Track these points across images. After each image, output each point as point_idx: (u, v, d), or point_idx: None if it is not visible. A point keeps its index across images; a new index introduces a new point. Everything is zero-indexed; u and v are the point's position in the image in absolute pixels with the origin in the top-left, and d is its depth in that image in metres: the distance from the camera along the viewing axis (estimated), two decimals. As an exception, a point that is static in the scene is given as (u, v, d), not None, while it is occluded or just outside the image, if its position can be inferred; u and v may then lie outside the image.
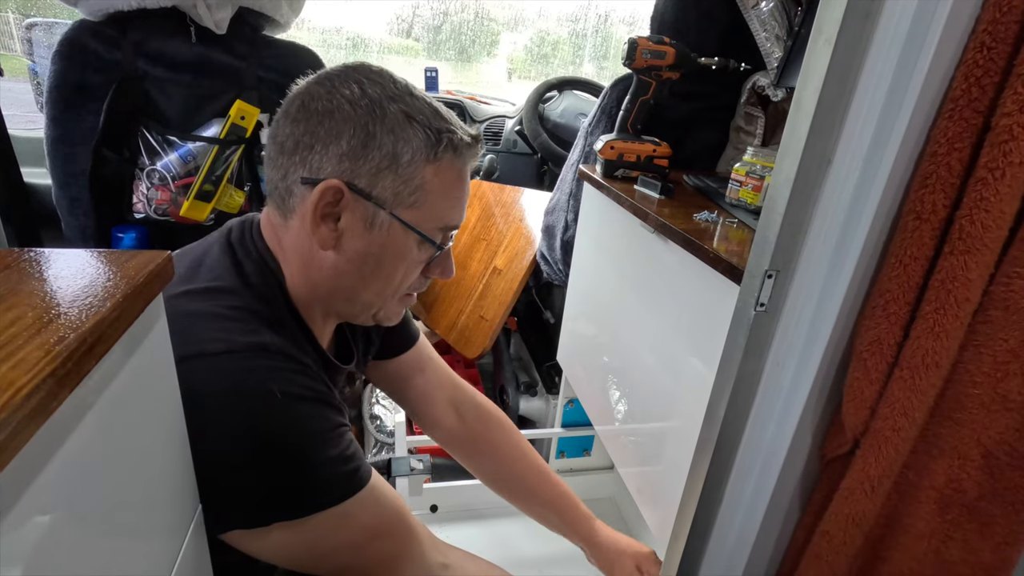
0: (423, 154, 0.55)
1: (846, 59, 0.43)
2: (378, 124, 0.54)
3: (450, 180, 0.57)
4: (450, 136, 0.56)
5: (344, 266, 0.58)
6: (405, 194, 0.55)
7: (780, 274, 0.51)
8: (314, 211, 0.54)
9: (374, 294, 0.60)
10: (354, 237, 0.56)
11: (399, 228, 0.56)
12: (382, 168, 0.54)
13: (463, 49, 2.66)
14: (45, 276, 0.37)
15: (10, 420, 0.25)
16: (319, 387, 0.55)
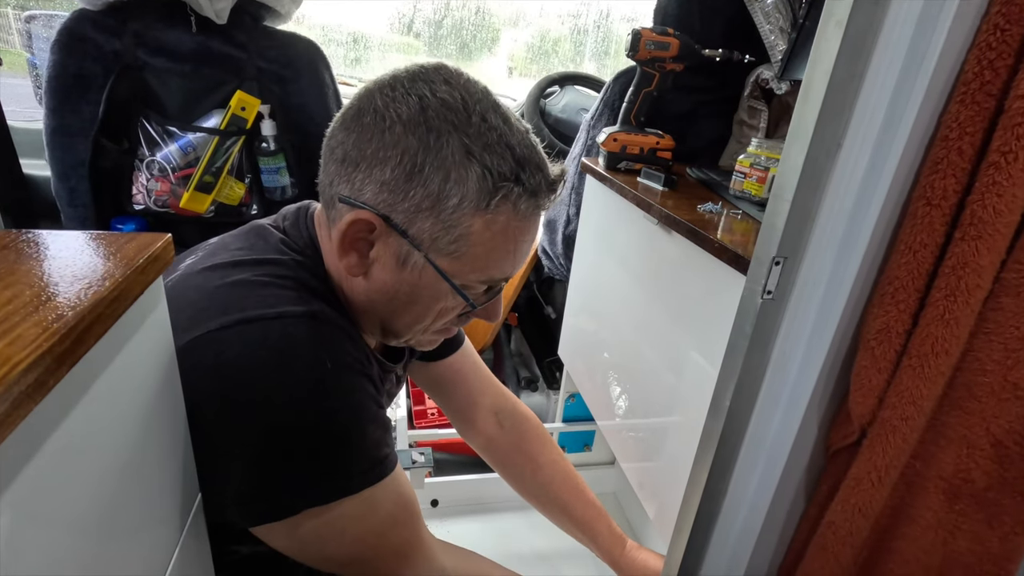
0: (473, 202, 0.48)
1: (857, 41, 0.43)
2: (430, 156, 0.47)
3: (505, 233, 0.50)
4: (513, 186, 0.48)
5: (374, 295, 0.54)
6: (444, 241, 0.49)
7: (788, 261, 0.50)
8: (342, 238, 0.50)
9: (404, 327, 0.57)
10: (384, 270, 0.52)
11: (432, 273, 0.51)
12: (423, 208, 0.48)
13: (464, 45, 2.65)
14: (43, 257, 0.37)
15: (7, 395, 0.24)
16: (365, 361, 0.53)
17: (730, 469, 0.62)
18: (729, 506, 0.63)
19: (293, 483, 0.48)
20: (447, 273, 0.51)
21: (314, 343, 0.48)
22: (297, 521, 0.49)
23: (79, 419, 0.32)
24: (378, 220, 0.49)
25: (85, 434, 0.33)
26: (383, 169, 0.48)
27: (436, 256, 0.50)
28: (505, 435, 0.84)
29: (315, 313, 0.50)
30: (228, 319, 0.47)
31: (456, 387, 0.83)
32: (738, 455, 0.61)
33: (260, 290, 0.49)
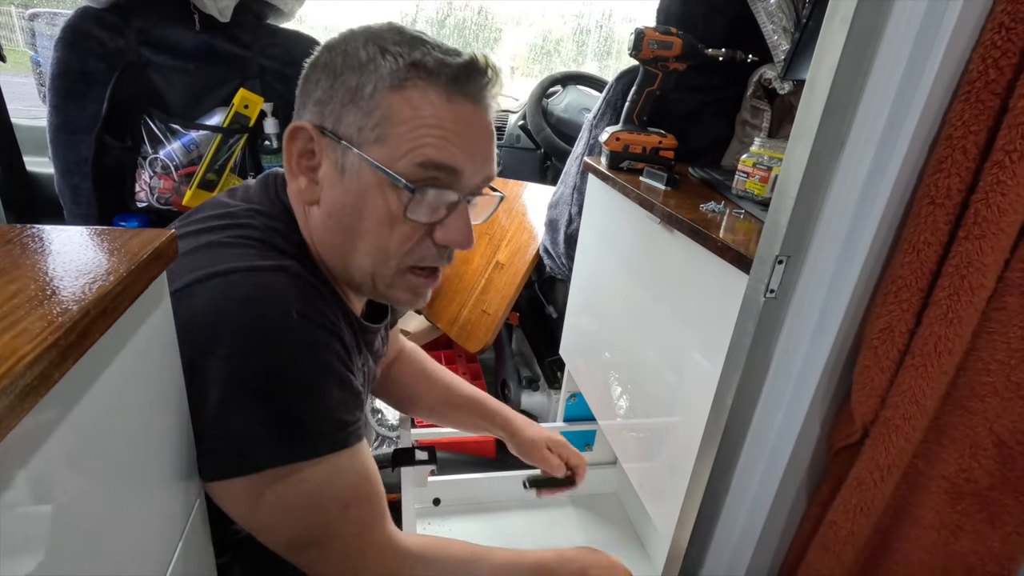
0: (387, 82, 0.49)
1: (861, 39, 0.43)
2: (348, 61, 0.50)
3: (423, 108, 0.49)
4: (421, 58, 0.49)
5: (328, 222, 0.54)
6: (368, 128, 0.50)
7: (791, 260, 0.50)
8: (289, 159, 0.52)
9: (365, 256, 0.54)
10: (332, 187, 0.52)
11: (368, 170, 0.50)
12: (346, 103, 0.50)
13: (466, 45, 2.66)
14: (47, 252, 0.37)
15: (12, 387, 0.24)
16: (336, 320, 0.52)
17: (732, 467, 0.62)
18: (731, 505, 0.63)
19: (258, 437, 0.47)
20: (378, 161, 0.50)
21: (282, 295, 0.48)
22: (260, 480, 0.48)
23: (84, 412, 0.32)
24: (312, 128, 0.51)
25: (90, 427, 0.33)
26: (315, 88, 0.52)
27: (366, 147, 0.50)
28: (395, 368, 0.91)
29: (285, 267, 0.50)
30: (199, 274, 0.47)
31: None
32: (740, 454, 0.61)
33: (230, 249, 0.50)
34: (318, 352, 0.49)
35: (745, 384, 0.56)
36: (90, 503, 0.34)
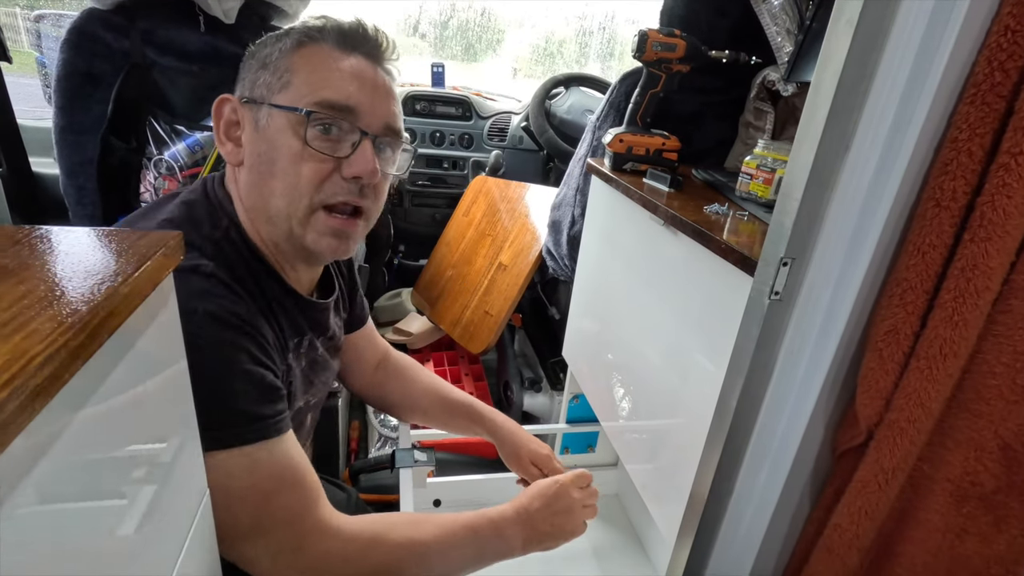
0: (291, 46, 0.59)
1: (867, 42, 0.43)
2: (263, 43, 0.60)
3: (320, 59, 0.58)
4: (317, 26, 0.59)
5: (250, 176, 0.60)
6: (275, 83, 0.58)
7: (795, 262, 0.50)
8: (217, 130, 0.60)
9: (281, 198, 0.59)
10: (250, 143, 0.59)
11: (276, 115, 0.58)
12: (258, 70, 0.60)
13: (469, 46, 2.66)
14: (56, 253, 0.37)
15: (23, 388, 0.24)
16: (252, 319, 0.55)
17: (736, 470, 0.62)
18: (734, 507, 0.63)
19: None
20: (283, 104, 0.57)
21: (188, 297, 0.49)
22: None
23: (92, 412, 0.32)
24: (235, 99, 0.60)
25: (98, 426, 0.33)
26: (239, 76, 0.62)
27: (272, 97, 0.58)
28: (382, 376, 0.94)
29: (198, 267, 0.54)
30: None
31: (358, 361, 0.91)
32: (744, 456, 0.61)
33: None
34: (224, 351, 0.52)
35: (749, 386, 0.56)
36: (98, 501, 0.34)
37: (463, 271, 1.76)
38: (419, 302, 1.88)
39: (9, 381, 0.24)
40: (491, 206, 1.80)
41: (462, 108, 2.05)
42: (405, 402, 0.94)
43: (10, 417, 0.24)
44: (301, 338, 0.66)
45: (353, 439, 1.54)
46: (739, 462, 0.62)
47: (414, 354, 1.83)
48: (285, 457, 0.56)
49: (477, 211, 1.83)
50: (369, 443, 1.54)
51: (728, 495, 0.64)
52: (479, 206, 1.84)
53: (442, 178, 2.05)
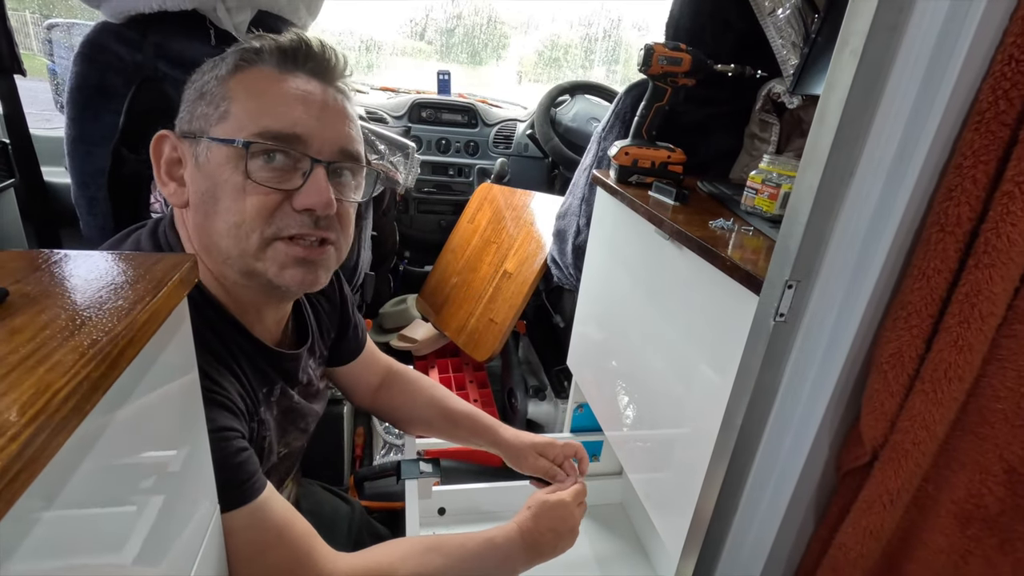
0: (226, 72, 0.54)
1: (872, 71, 0.43)
2: (196, 75, 0.57)
3: (259, 84, 0.53)
4: (254, 47, 0.54)
5: (196, 217, 0.55)
6: (213, 114, 0.54)
7: (800, 284, 0.51)
8: (158, 169, 0.56)
9: (228, 238, 0.54)
10: (192, 182, 0.55)
11: (215, 148, 0.53)
12: (195, 100, 0.55)
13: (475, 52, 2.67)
14: (75, 279, 0.38)
15: (48, 423, 0.25)
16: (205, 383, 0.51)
17: (741, 486, 0.62)
18: (739, 523, 0.64)
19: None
20: (221, 136, 0.53)
21: None
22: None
23: (110, 439, 0.33)
24: (171, 135, 0.56)
25: (116, 451, 0.34)
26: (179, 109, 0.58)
27: (211, 130, 0.54)
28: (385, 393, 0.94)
29: None
30: None
31: (358, 384, 0.91)
32: (749, 474, 0.61)
33: None
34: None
35: (754, 405, 0.57)
36: (115, 521, 0.35)
37: (468, 278, 1.77)
38: (424, 308, 1.89)
39: (35, 417, 0.25)
40: (496, 213, 1.81)
41: (468, 115, 2.06)
42: (409, 416, 0.94)
43: (37, 452, 0.25)
44: (271, 387, 0.63)
45: (358, 445, 1.55)
46: (744, 479, 0.62)
47: (418, 360, 1.84)
48: (263, 520, 0.54)
49: (482, 218, 1.84)
50: (374, 449, 1.55)
51: (733, 511, 0.64)
52: (484, 213, 1.85)
53: (447, 185, 2.06)
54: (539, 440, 0.89)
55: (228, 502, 0.51)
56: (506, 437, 0.89)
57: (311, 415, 0.73)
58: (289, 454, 0.70)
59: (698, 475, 0.68)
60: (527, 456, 0.88)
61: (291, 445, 0.70)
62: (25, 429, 0.24)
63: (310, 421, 0.73)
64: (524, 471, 0.89)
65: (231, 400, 0.54)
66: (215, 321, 0.57)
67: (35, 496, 0.26)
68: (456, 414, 0.92)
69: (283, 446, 0.67)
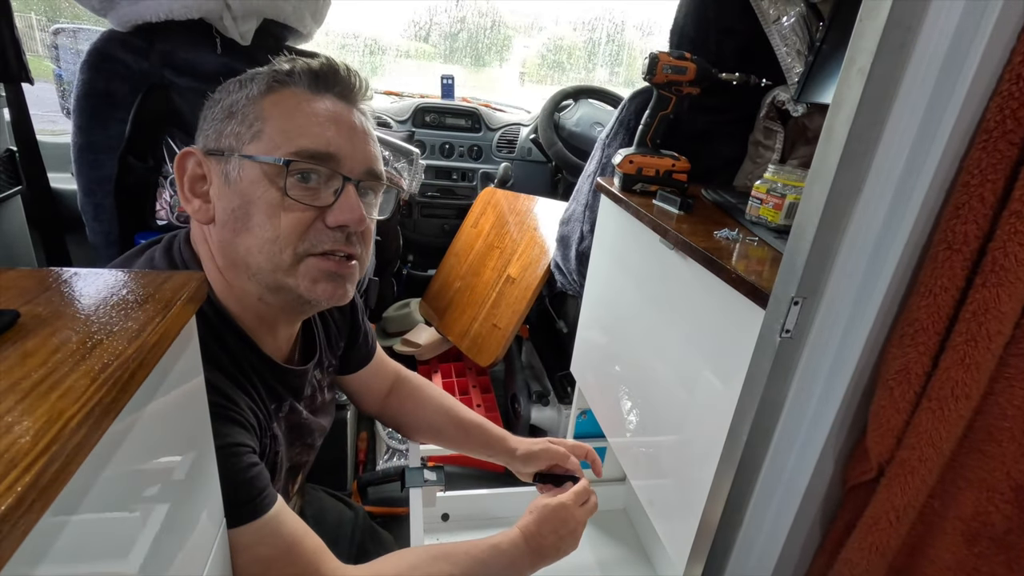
0: (258, 92, 0.55)
1: (879, 89, 0.43)
2: (221, 92, 0.57)
3: (292, 105, 0.55)
4: (284, 67, 0.56)
5: (223, 233, 0.56)
6: (245, 133, 0.54)
7: (807, 301, 0.51)
8: (181, 186, 0.56)
9: (260, 254, 0.55)
10: (221, 199, 0.55)
11: (248, 166, 0.54)
12: (223, 119, 0.56)
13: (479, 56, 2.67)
14: (85, 299, 0.38)
15: (61, 452, 0.25)
16: (217, 399, 0.52)
17: (747, 500, 0.62)
18: (745, 537, 0.64)
19: None
20: (256, 154, 0.54)
21: None
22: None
23: (122, 459, 0.33)
24: (198, 152, 0.57)
25: (126, 472, 0.34)
26: (200, 125, 0.58)
27: (244, 148, 0.55)
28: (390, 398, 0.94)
29: None
30: None
31: (367, 391, 0.92)
32: (755, 486, 0.61)
33: None
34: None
35: (760, 419, 0.57)
36: (121, 539, 0.35)
37: (471, 282, 1.77)
38: (427, 312, 1.89)
39: (49, 445, 0.25)
40: (500, 218, 1.81)
41: (471, 120, 2.07)
42: (417, 424, 0.94)
43: (50, 480, 0.25)
44: (280, 403, 0.64)
45: (361, 450, 1.55)
46: (750, 492, 0.62)
47: (421, 365, 1.84)
48: (272, 535, 0.54)
49: (486, 223, 1.84)
50: (377, 454, 1.55)
51: (738, 523, 0.64)
52: (488, 218, 1.85)
53: (451, 189, 2.06)
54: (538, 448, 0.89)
55: (237, 517, 0.51)
56: (515, 447, 0.90)
57: (318, 430, 0.73)
58: (294, 468, 0.70)
59: (702, 485, 0.68)
60: (538, 458, 0.88)
61: (297, 460, 0.70)
62: (39, 458, 0.24)
63: (316, 436, 0.74)
64: (537, 469, 0.89)
65: (244, 416, 0.55)
66: (228, 337, 0.57)
67: (47, 523, 0.26)
68: (467, 423, 0.92)
69: (288, 460, 0.67)
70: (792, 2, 1.02)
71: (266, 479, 0.55)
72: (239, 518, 0.52)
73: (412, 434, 0.96)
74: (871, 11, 0.43)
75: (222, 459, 0.50)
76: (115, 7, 0.97)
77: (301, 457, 0.71)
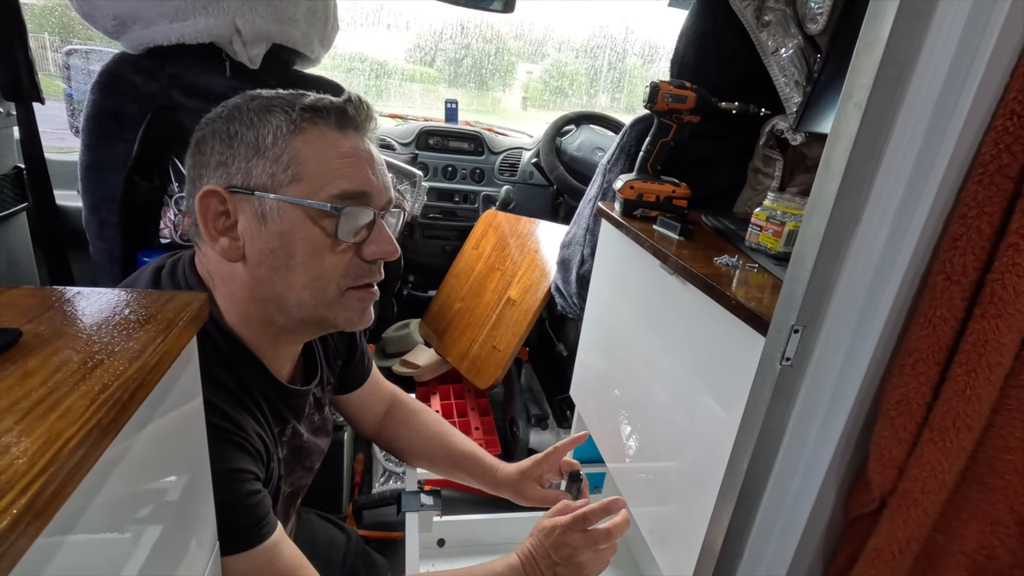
0: (284, 130, 0.54)
1: (876, 123, 0.44)
2: (236, 123, 0.55)
3: (325, 145, 0.55)
4: (308, 104, 0.55)
5: (258, 272, 0.56)
6: (281, 173, 0.54)
7: (807, 329, 0.51)
8: (205, 225, 0.55)
9: (303, 291, 0.56)
10: (255, 238, 0.55)
11: (290, 209, 0.54)
12: (250, 158, 0.54)
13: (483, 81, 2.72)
14: (87, 318, 0.38)
15: (58, 473, 0.25)
16: (224, 424, 0.52)
17: (747, 530, 0.61)
18: (746, 569, 0.63)
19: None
20: (300, 196, 0.54)
21: None
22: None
23: (118, 480, 0.33)
24: (222, 189, 0.54)
25: (121, 493, 0.34)
26: (211, 155, 0.55)
27: (282, 190, 0.54)
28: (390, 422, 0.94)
29: None
30: None
31: (364, 413, 0.92)
32: (756, 516, 0.61)
33: None
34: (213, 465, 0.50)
35: (761, 448, 0.56)
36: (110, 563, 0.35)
37: (472, 304, 1.77)
38: (427, 333, 1.89)
39: (46, 467, 0.25)
40: (501, 240, 1.82)
41: (474, 143, 2.09)
42: (411, 448, 0.93)
43: (47, 502, 0.25)
44: (284, 426, 0.64)
45: (357, 472, 1.53)
46: (751, 522, 0.61)
47: (420, 386, 1.83)
48: (269, 565, 0.54)
49: (487, 245, 1.85)
50: (373, 476, 1.53)
51: (740, 554, 0.63)
52: (489, 240, 1.86)
53: (453, 211, 2.08)
54: (526, 466, 0.87)
55: (235, 544, 0.51)
56: (502, 476, 0.88)
57: (316, 452, 0.73)
58: (294, 493, 0.70)
59: (702, 514, 0.67)
60: (526, 490, 0.86)
61: (297, 484, 0.69)
62: (36, 480, 0.24)
63: (315, 459, 0.73)
64: (531, 504, 0.87)
65: (250, 443, 0.54)
66: (235, 360, 0.57)
67: (41, 544, 0.26)
68: (458, 454, 0.90)
69: (288, 485, 0.66)
70: (790, 34, 1.05)
71: (267, 507, 0.54)
72: (236, 545, 0.51)
73: (407, 458, 0.95)
74: (867, 47, 0.44)
75: (223, 484, 0.49)
76: (127, 30, 1.00)
77: (301, 481, 0.71)
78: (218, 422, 0.51)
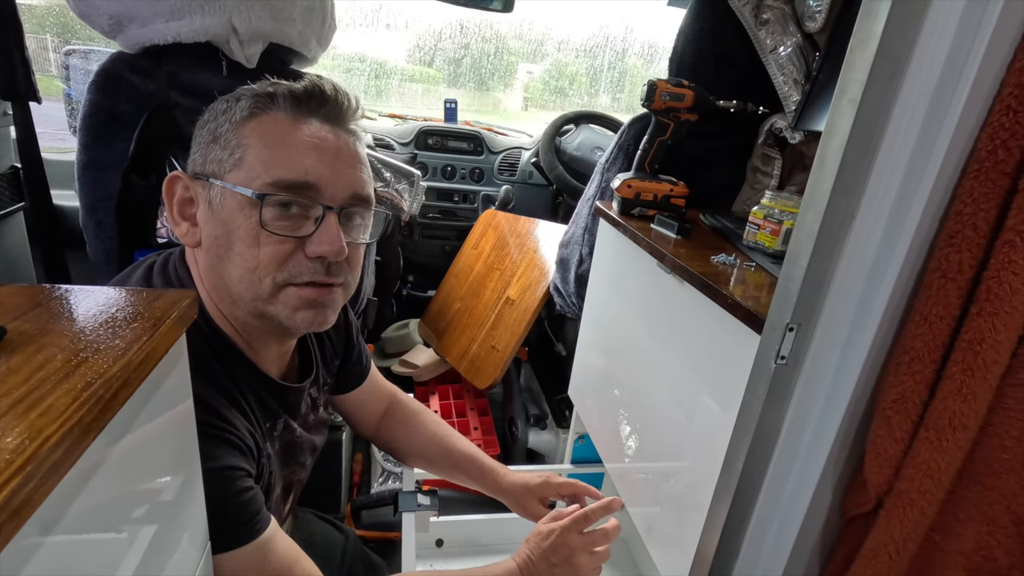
0: (241, 117, 0.54)
1: (870, 119, 0.43)
2: (211, 113, 0.57)
3: (274, 132, 0.54)
4: (267, 90, 0.54)
5: (208, 258, 0.56)
6: (227, 160, 0.54)
7: (802, 327, 0.50)
8: (170, 208, 0.56)
9: (241, 282, 0.55)
10: (206, 223, 0.55)
11: (229, 195, 0.53)
12: (208, 143, 0.55)
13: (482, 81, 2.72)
14: (74, 316, 0.38)
15: (36, 471, 0.25)
16: (214, 420, 0.52)
17: (744, 530, 0.61)
18: (741, 569, 0.62)
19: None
20: (235, 184, 0.53)
21: None
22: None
23: (102, 480, 0.33)
24: (184, 176, 0.56)
25: (106, 494, 0.34)
26: (192, 148, 0.58)
27: (225, 176, 0.54)
28: (388, 423, 0.93)
29: None
30: None
31: (363, 413, 0.91)
32: (752, 516, 0.60)
33: None
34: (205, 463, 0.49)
35: (756, 447, 0.56)
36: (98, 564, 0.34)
37: (471, 304, 1.77)
38: (426, 333, 1.88)
39: (23, 465, 0.25)
40: (500, 240, 1.82)
41: (473, 143, 2.09)
42: (410, 449, 0.93)
43: (22, 502, 0.24)
44: (275, 421, 0.63)
45: (356, 472, 1.53)
46: (747, 521, 0.61)
47: (419, 386, 1.83)
48: (264, 560, 0.53)
49: (486, 244, 1.85)
50: (372, 476, 1.53)
51: (736, 555, 0.63)
52: (488, 240, 1.86)
53: (452, 211, 2.08)
54: (535, 483, 0.86)
55: (228, 541, 0.50)
56: (506, 484, 0.87)
57: (309, 448, 0.72)
58: (288, 487, 0.69)
59: (699, 514, 0.67)
60: (527, 504, 0.86)
61: (290, 479, 0.69)
62: (13, 478, 0.24)
63: (308, 454, 0.72)
64: (528, 518, 0.87)
65: (240, 439, 0.54)
66: (224, 354, 0.57)
67: (18, 544, 0.26)
68: (458, 455, 0.90)
69: (283, 480, 0.66)
70: (789, 32, 1.04)
71: (259, 503, 0.54)
72: (227, 543, 0.50)
73: (405, 459, 0.95)
74: (861, 42, 0.43)
75: (214, 481, 0.49)
76: (124, 30, 1.00)
77: (294, 476, 0.70)
78: (206, 418, 0.51)
